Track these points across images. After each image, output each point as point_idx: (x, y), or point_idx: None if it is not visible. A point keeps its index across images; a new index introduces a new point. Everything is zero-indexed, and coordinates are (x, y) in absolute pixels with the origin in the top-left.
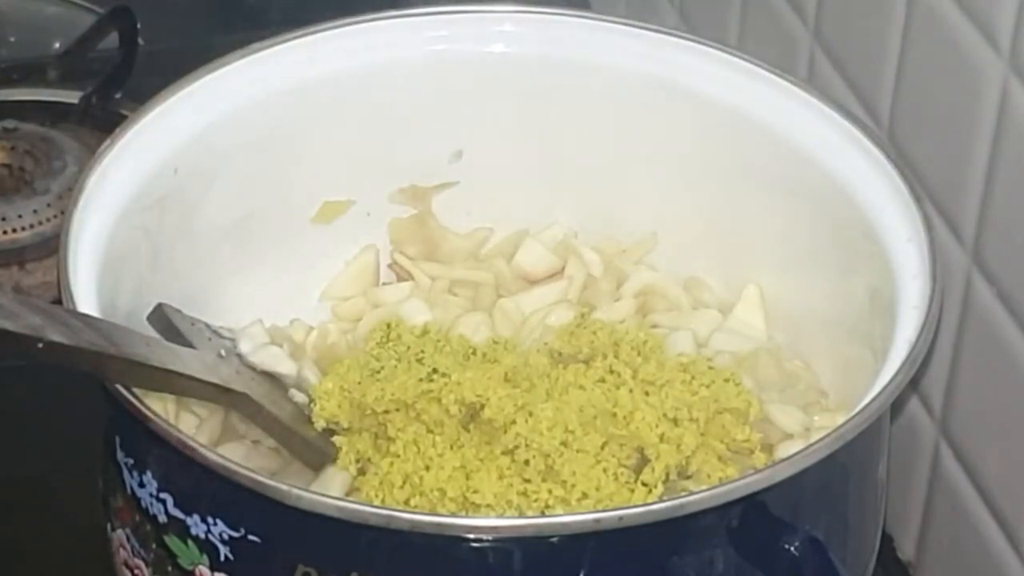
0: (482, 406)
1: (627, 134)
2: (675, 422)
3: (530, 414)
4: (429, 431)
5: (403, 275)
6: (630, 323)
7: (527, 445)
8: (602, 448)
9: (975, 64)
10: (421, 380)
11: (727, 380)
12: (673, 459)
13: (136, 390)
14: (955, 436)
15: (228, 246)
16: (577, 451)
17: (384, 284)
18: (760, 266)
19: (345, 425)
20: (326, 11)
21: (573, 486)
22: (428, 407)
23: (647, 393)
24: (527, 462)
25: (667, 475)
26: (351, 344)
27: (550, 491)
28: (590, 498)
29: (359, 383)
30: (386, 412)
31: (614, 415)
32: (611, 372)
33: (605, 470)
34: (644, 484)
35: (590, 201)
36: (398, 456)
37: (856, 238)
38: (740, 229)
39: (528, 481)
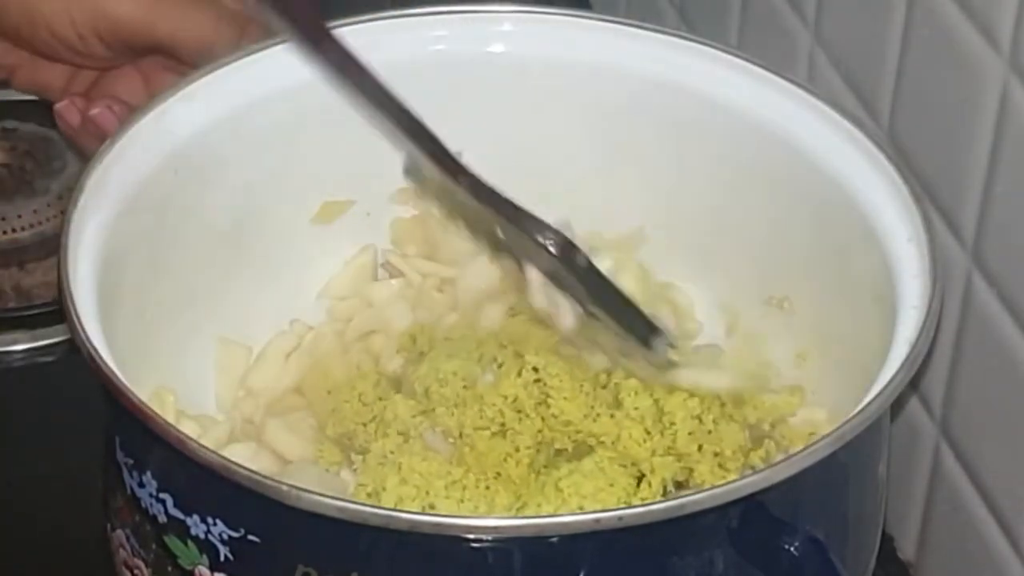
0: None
1: (627, 134)
2: (667, 434)
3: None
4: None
5: (396, 274)
6: None
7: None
8: (598, 464)
9: (975, 64)
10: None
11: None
12: (669, 472)
13: (142, 387)
14: (955, 436)
15: (228, 246)
16: (573, 466)
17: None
18: (760, 266)
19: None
20: (326, 11)
21: (572, 498)
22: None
23: (636, 408)
24: (523, 476)
25: (664, 488)
26: (346, 344)
27: (540, 504)
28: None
29: None
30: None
31: (602, 442)
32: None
33: (600, 482)
34: (643, 500)
35: (590, 201)
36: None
37: (856, 238)
38: (739, 229)
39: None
